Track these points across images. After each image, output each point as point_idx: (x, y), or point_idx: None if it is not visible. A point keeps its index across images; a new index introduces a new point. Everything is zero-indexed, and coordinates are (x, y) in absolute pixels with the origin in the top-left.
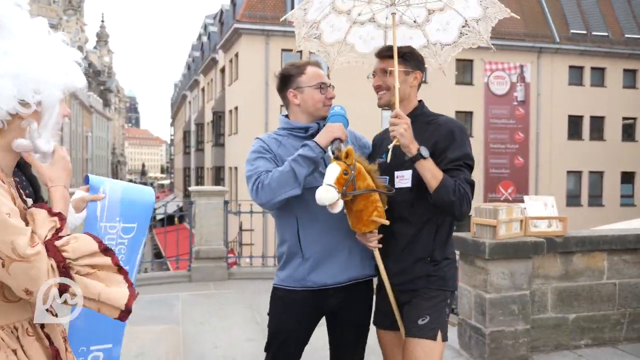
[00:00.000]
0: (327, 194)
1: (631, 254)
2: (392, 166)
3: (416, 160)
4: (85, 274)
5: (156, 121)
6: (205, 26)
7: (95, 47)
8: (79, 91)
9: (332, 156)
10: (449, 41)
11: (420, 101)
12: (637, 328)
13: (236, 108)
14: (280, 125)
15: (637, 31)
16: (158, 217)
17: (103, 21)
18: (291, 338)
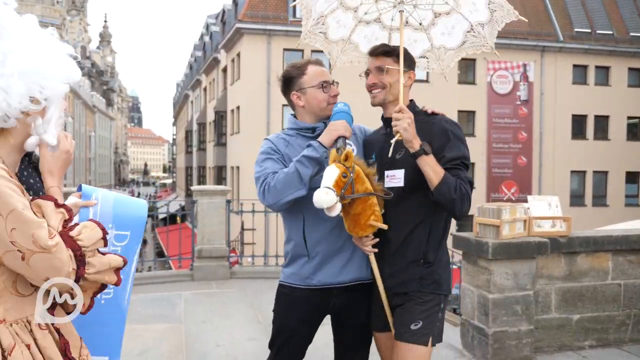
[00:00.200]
0: (326, 197)
1: (636, 255)
2: (381, 166)
3: (418, 155)
4: (92, 256)
5: (158, 121)
6: (207, 26)
7: (98, 47)
8: (82, 90)
9: (337, 154)
10: (454, 46)
11: (411, 100)
12: None
13: (238, 107)
14: (288, 125)
15: None
16: (160, 217)
17: (106, 21)
18: (295, 336)
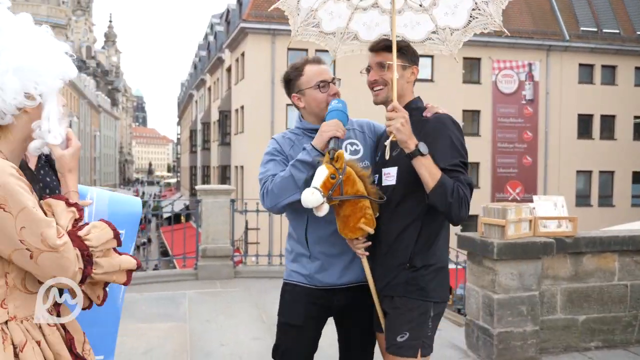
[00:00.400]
0: (312, 197)
1: None
2: (380, 163)
3: (414, 156)
4: (101, 256)
5: (163, 120)
6: (211, 25)
7: (103, 47)
8: (87, 90)
9: (329, 156)
10: (459, 26)
11: (417, 97)
12: None
13: (242, 107)
14: (295, 123)
15: None
16: (165, 216)
17: (111, 21)
18: (302, 334)
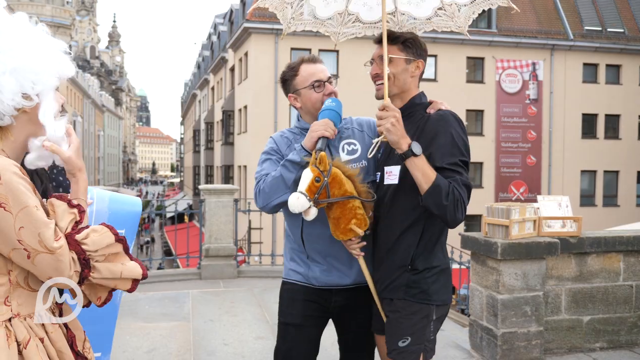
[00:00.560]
0: (297, 202)
1: None
2: (383, 161)
3: (406, 157)
4: (102, 261)
5: (166, 120)
6: (215, 25)
7: (107, 47)
8: (91, 90)
9: (316, 156)
10: (465, 1)
11: (421, 92)
12: None
13: (245, 107)
14: (294, 122)
15: None
16: (168, 215)
17: (115, 21)
18: (302, 333)
